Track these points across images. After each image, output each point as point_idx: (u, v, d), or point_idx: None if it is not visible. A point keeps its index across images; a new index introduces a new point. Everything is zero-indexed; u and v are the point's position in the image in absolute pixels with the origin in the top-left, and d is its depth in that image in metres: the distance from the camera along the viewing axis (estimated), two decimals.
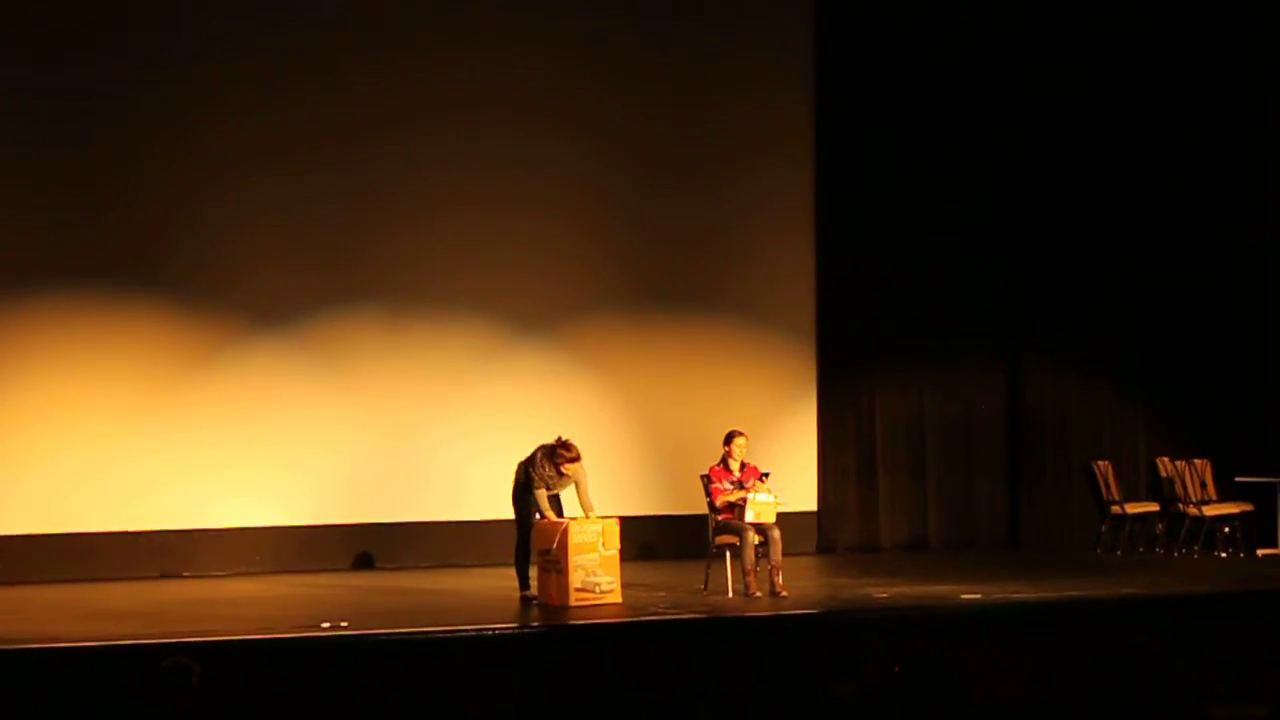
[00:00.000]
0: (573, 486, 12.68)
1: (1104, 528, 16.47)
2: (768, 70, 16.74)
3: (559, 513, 12.68)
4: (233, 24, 15.02)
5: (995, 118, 17.03)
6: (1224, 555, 16.01)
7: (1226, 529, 16.16)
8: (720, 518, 13.12)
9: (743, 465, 13.22)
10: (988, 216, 17.06)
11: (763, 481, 13.09)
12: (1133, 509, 16.47)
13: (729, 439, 13.26)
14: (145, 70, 14.78)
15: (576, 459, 12.58)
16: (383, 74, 15.40)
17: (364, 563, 15.28)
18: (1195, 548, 16.06)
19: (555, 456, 12.57)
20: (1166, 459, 16.74)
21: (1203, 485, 16.43)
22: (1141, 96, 17.20)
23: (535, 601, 12.53)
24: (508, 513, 13.10)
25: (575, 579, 12.20)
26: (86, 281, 14.68)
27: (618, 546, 12.39)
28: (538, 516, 12.63)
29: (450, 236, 15.57)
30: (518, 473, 12.83)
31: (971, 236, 17.02)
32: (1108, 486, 16.60)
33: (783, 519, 13.11)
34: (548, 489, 12.66)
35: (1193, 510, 16.17)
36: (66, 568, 14.19)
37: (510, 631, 11.36)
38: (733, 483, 13.14)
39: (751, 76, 16.62)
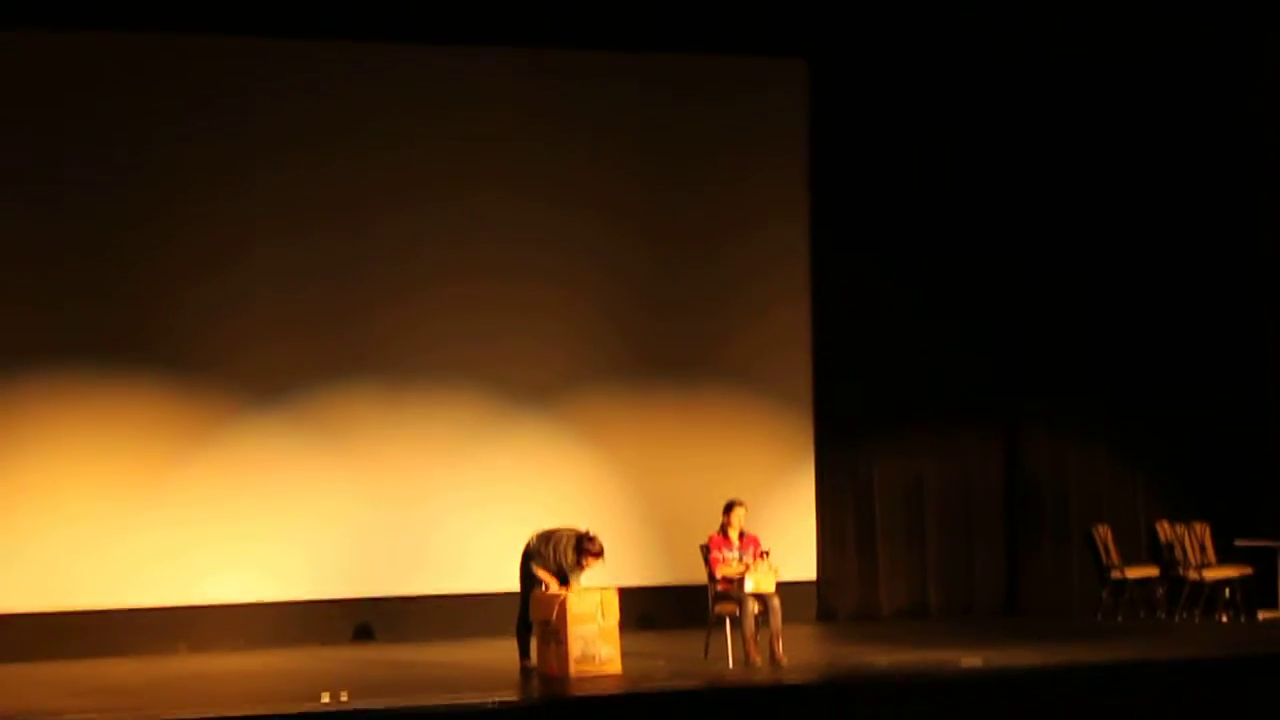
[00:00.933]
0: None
1: (1104, 593, 16.43)
2: (763, 137, 16.81)
3: (563, 583, 12.67)
4: (227, 98, 15.12)
5: (992, 180, 17.11)
6: (1224, 619, 15.98)
7: (1227, 592, 16.13)
8: (720, 587, 13.11)
9: (741, 534, 13.21)
10: (985, 280, 17.10)
11: (763, 559, 13.05)
12: (1133, 574, 16.44)
13: (728, 509, 13.26)
14: (138, 146, 14.86)
15: (600, 554, 12.58)
16: (379, 146, 15.48)
17: (364, 635, 15.25)
18: (1196, 612, 16.03)
19: (581, 549, 12.54)
20: (1166, 523, 16.73)
21: (1202, 549, 16.41)
22: (1139, 155, 17.29)
23: (535, 672, 12.51)
24: (507, 583, 13.09)
25: (575, 649, 12.17)
26: (81, 357, 14.70)
27: (617, 617, 12.37)
28: (541, 587, 12.61)
29: (447, 307, 15.62)
30: (534, 545, 12.76)
31: (968, 300, 17.06)
32: (1107, 551, 16.57)
33: (782, 587, 13.09)
34: (560, 573, 12.61)
35: (1193, 575, 16.15)
36: (65, 645, 14.14)
37: (510, 704, 11.32)
38: (732, 553, 13.12)
39: (746, 144, 16.70)
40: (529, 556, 12.76)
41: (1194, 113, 17.45)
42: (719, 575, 13.10)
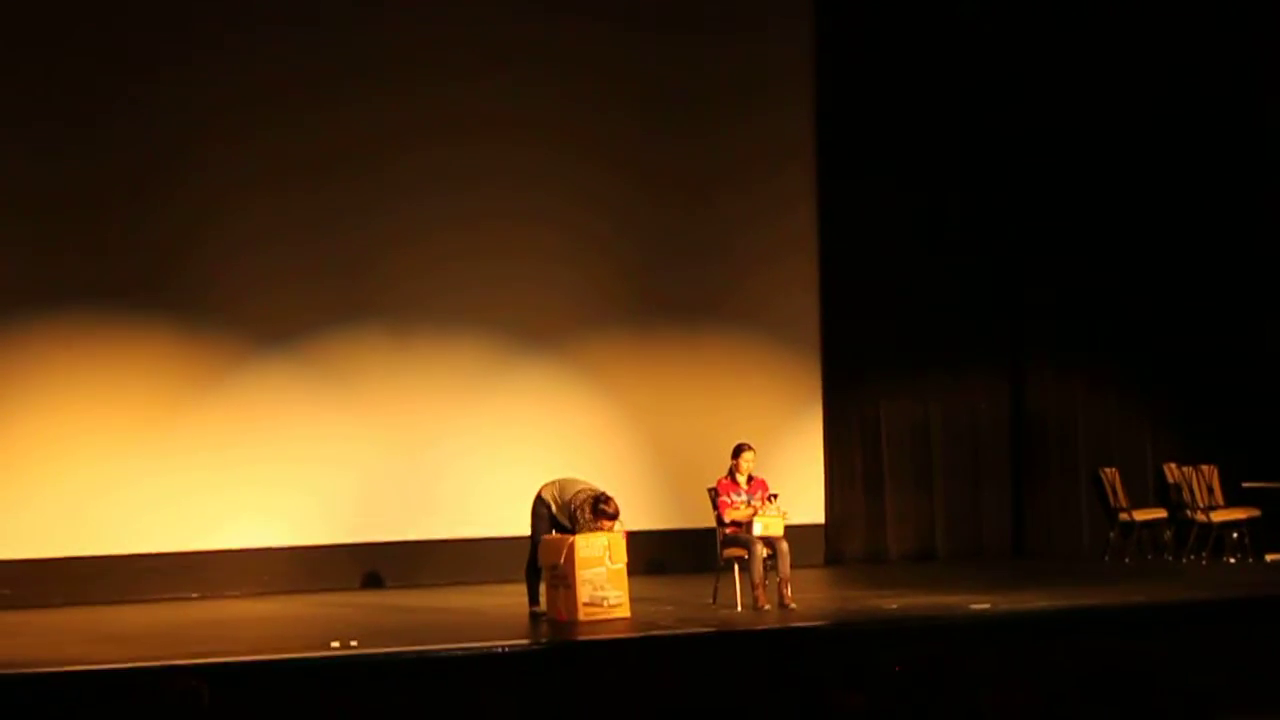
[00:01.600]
0: None
1: (1112, 535, 16.47)
2: (768, 81, 16.77)
3: None
4: (234, 45, 15.02)
5: (998, 124, 17.05)
6: (1232, 561, 16.01)
7: (1235, 535, 16.15)
8: (728, 531, 13.11)
9: (750, 479, 13.20)
10: (992, 223, 17.08)
11: (772, 502, 13.04)
12: (1140, 516, 16.48)
13: (737, 452, 13.22)
14: (147, 92, 14.79)
15: (617, 518, 12.51)
16: (385, 91, 15.41)
17: (373, 581, 15.27)
18: (1203, 554, 16.06)
19: (599, 513, 12.46)
20: (1174, 465, 16.75)
21: (1210, 491, 16.43)
22: (1146, 96, 17.19)
23: (544, 617, 12.52)
24: (515, 528, 13.09)
25: (583, 594, 12.18)
26: (91, 303, 14.67)
27: (625, 560, 12.36)
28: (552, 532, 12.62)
29: (454, 252, 15.58)
30: (551, 496, 12.72)
31: (976, 244, 17.05)
32: (1115, 493, 16.60)
33: (790, 531, 13.09)
34: (570, 528, 12.53)
35: (1200, 516, 16.17)
36: (76, 591, 14.16)
37: (519, 648, 11.34)
38: (740, 496, 13.11)
39: (752, 87, 16.66)
40: (544, 506, 12.72)
41: (1202, 36, 17.29)
42: (727, 519, 13.10)
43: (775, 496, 13.13)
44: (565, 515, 12.58)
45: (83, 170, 14.60)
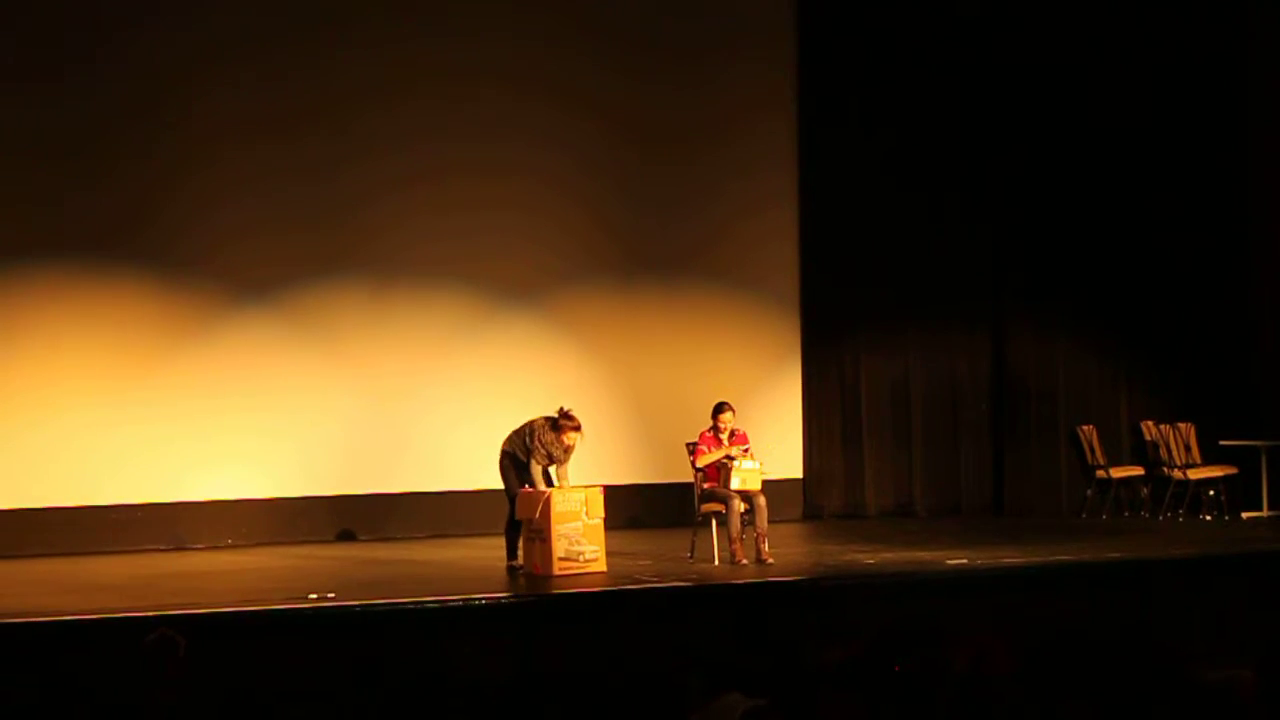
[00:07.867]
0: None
1: (1089, 492, 16.51)
2: (749, 33, 16.70)
3: (549, 484, 12.62)
4: None
5: (981, 82, 16.99)
6: (1208, 518, 16.05)
7: (1211, 492, 16.19)
8: (706, 485, 13.09)
9: (731, 434, 13.17)
10: (973, 181, 17.04)
11: (745, 453, 13.00)
12: (1117, 473, 16.51)
13: (716, 412, 13.14)
14: (125, 39, 14.69)
15: (579, 428, 12.50)
16: (365, 41, 15.33)
17: (349, 534, 15.25)
18: (1180, 511, 16.09)
19: (559, 426, 12.47)
20: (1151, 423, 16.77)
21: (1187, 449, 16.46)
22: (1131, 54, 17.14)
23: (521, 570, 12.51)
24: (491, 482, 13.06)
25: (558, 548, 12.17)
26: (66, 253, 14.58)
27: (601, 515, 12.35)
28: (526, 486, 12.59)
29: (434, 203, 15.52)
30: (510, 444, 12.72)
31: (957, 201, 17.01)
32: (1092, 451, 16.63)
33: (768, 486, 13.09)
34: (550, 460, 12.54)
35: (1177, 474, 16.20)
36: (50, 541, 14.12)
37: (495, 601, 11.34)
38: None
39: (733, 39, 16.59)
40: (512, 458, 12.70)
41: (1190, 13, 17.26)
42: (700, 464, 13.05)
43: (747, 450, 13.05)
44: (523, 451, 12.56)
45: (56, 120, 14.48)
